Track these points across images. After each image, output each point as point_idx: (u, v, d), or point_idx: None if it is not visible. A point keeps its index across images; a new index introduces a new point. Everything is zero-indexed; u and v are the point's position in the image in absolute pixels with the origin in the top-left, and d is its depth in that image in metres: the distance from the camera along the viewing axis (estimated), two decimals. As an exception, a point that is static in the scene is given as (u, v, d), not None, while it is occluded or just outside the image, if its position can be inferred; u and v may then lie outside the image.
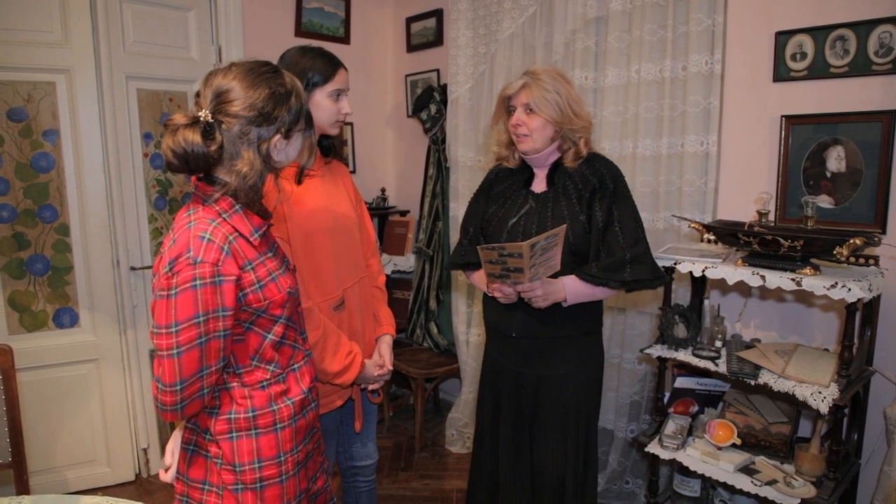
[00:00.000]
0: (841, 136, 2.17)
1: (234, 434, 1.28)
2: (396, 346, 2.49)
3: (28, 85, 2.64)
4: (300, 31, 3.50)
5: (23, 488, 1.84)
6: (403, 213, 3.97)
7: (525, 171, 1.97)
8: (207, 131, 1.22)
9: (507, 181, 2.00)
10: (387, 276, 3.83)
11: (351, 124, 3.83)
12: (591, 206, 1.82)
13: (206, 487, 1.31)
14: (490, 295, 1.91)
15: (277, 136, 1.27)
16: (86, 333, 2.87)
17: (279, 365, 1.33)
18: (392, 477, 3.07)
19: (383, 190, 4.00)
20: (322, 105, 1.67)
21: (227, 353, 1.24)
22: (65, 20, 2.66)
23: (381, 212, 3.89)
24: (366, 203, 3.91)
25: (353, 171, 3.88)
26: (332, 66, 1.67)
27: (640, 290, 2.02)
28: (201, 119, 1.22)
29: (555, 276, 1.79)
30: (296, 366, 1.38)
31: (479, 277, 2.00)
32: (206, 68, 3.09)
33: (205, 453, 1.31)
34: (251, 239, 1.27)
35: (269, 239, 1.38)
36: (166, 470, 1.39)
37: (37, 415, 2.77)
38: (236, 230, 1.25)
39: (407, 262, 3.74)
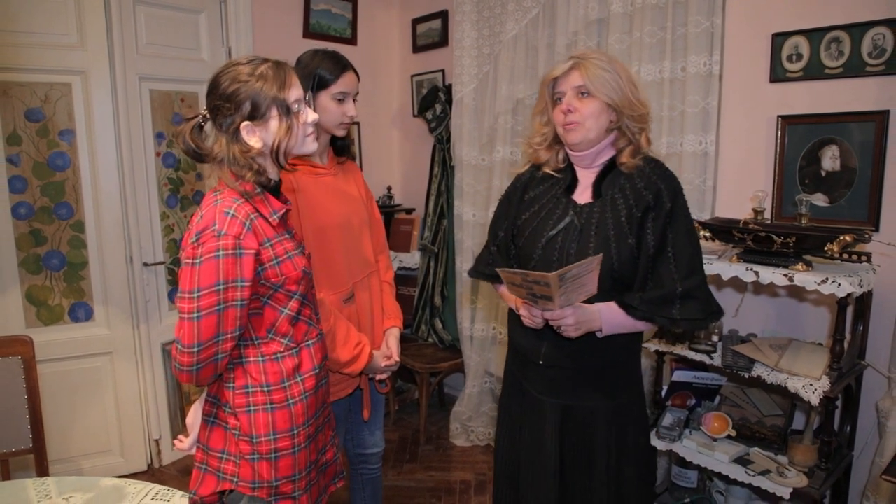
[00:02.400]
0: (835, 136, 2.22)
1: (252, 408, 1.37)
2: (402, 341, 2.55)
3: (45, 86, 2.72)
4: (308, 32, 3.57)
5: (43, 473, 1.91)
6: (409, 211, 4.04)
7: (567, 175, 1.70)
8: (199, 126, 1.38)
9: (544, 184, 1.72)
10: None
11: (357, 123, 3.90)
12: (642, 226, 1.54)
13: (225, 456, 1.40)
14: (517, 313, 1.68)
15: (243, 121, 1.33)
16: (100, 327, 2.95)
17: (293, 339, 1.42)
18: (397, 469, 3.14)
19: (389, 188, 4.07)
20: (326, 107, 1.73)
21: (243, 323, 1.33)
22: (80, 23, 2.74)
23: (387, 210, 3.96)
24: (372, 201, 3.98)
25: (360, 170, 3.95)
26: (338, 69, 1.73)
27: (690, 329, 1.90)
28: (200, 114, 1.38)
29: (590, 300, 1.54)
30: (310, 342, 1.46)
31: (506, 293, 1.73)
32: (217, 69, 3.17)
33: (224, 425, 1.40)
34: (270, 220, 1.37)
35: (288, 224, 1.49)
36: (182, 441, 1.49)
37: (53, 406, 2.85)
38: (257, 210, 1.35)
39: (412, 259, 3.81)
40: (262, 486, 1.38)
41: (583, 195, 1.65)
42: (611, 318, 1.56)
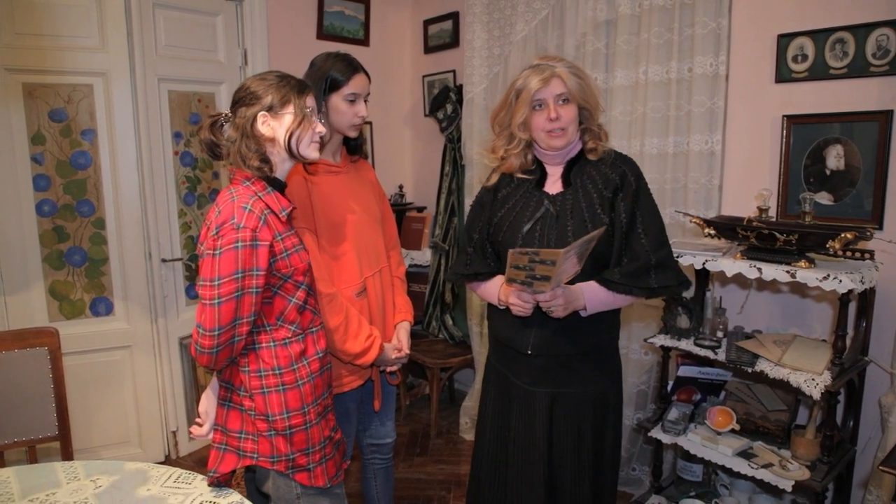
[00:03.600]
0: (840, 135, 2.25)
1: (266, 389, 1.48)
2: (413, 337, 2.56)
3: (68, 87, 2.81)
4: (322, 34, 3.64)
5: (69, 459, 1.99)
6: (420, 210, 4.10)
7: (535, 172, 1.80)
8: (220, 124, 1.52)
9: (514, 182, 1.82)
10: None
11: (370, 123, 3.97)
12: (613, 206, 1.68)
13: (244, 435, 1.51)
14: (501, 307, 1.77)
15: (261, 110, 1.47)
16: (120, 321, 3.03)
17: (300, 326, 1.53)
18: (408, 461, 3.20)
19: (401, 187, 4.14)
20: (338, 108, 1.79)
21: (258, 309, 1.44)
22: (102, 26, 2.82)
23: (398, 208, 4.02)
24: (384, 199, 4.02)
25: (373, 169, 4.01)
26: (349, 70, 1.79)
27: (665, 296, 2.00)
28: (224, 114, 1.53)
29: (571, 282, 1.65)
30: (314, 329, 1.57)
31: (487, 289, 1.84)
32: (233, 70, 3.26)
33: (240, 407, 1.51)
34: (280, 216, 1.49)
35: (291, 223, 1.60)
36: (200, 426, 1.58)
37: (74, 397, 2.91)
38: (268, 207, 1.47)
39: (423, 256, 3.87)
40: (281, 460, 1.50)
41: (553, 186, 1.77)
42: (593, 295, 1.67)
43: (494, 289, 1.79)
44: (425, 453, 3.29)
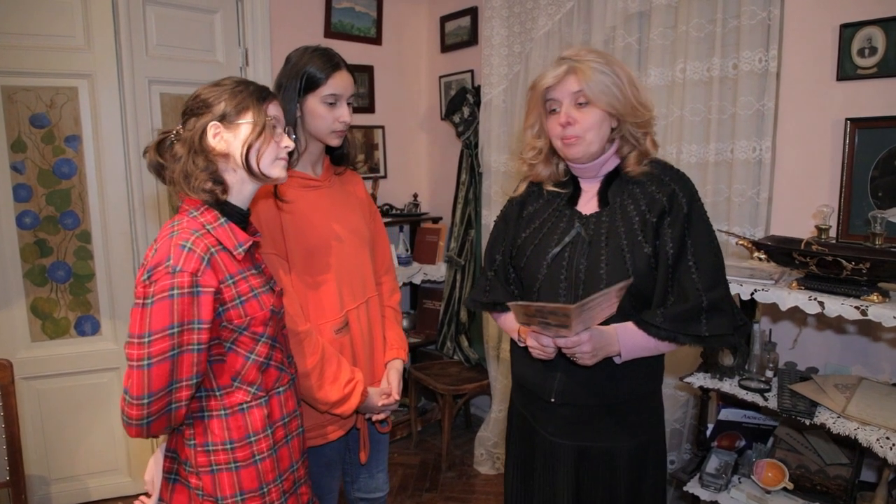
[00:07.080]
0: (916, 142, 1.91)
1: (215, 467, 1.23)
2: (426, 358, 2.28)
3: (50, 90, 2.60)
4: (330, 32, 3.39)
5: (18, 510, 1.78)
6: (436, 220, 3.82)
7: (568, 186, 1.55)
8: (170, 143, 1.26)
9: (544, 198, 1.57)
10: (417, 285, 3.70)
11: (382, 127, 3.71)
12: (658, 233, 1.39)
13: None
14: (521, 345, 1.50)
15: (213, 120, 1.24)
16: (107, 341, 2.83)
17: (263, 387, 1.28)
18: (416, 498, 2.92)
19: (415, 196, 3.86)
20: (315, 112, 1.53)
21: (202, 370, 1.19)
22: (87, 24, 2.62)
23: (412, 218, 3.76)
24: (397, 209, 3.76)
25: (385, 176, 3.75)
26: (329, 67, 1.53)
27: (717, 346, 1.73)
28: (174, 130, 1.28)
29: (606, 321, 1.39)
30: (280, 389, 1.32)
31: (507, 322, 1.60)
32: (233, 72, 3.03)
33: (186, 483, 1.26)
34: (235, 253, 1.23)
35: (256, 258, 1.35)
36: (148, 497, 1.32)
37: (58, 423, 2.75)
38: (220, 243, 1.21)
39: (438, 271, 3.60)
40: None
41: (588, 205, 1.50)
42: (629, 340, 1.39)
43: (514, 323, 1.52)
44: (435, 489, 3.01)
